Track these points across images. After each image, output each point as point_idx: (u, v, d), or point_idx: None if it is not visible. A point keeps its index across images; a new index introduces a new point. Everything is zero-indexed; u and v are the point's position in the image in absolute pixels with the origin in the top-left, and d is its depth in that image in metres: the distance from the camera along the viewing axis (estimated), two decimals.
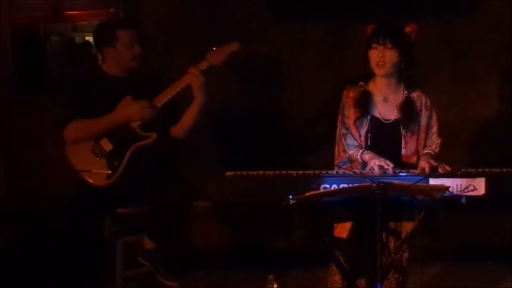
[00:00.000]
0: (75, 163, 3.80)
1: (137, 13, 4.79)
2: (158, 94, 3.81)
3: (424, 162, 3.31)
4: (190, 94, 3.82)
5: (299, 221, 3.21)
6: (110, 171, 3.75)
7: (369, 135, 3.45)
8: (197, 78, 3.76)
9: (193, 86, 3.77)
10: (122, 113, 3.78)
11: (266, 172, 3.17)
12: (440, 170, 3.23)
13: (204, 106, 3.83)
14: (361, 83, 3.50)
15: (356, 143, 3.45)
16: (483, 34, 4.66)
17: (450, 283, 4.20)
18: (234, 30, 4.66)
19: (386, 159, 3.28)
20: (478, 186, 3.06)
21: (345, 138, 3.47)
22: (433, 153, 3.43)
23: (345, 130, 3.48)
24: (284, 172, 3.17)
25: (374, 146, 3.43)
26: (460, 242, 4.47)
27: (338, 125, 3.53)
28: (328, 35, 4.75)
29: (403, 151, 3.45)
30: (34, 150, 4.79)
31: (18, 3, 4.95)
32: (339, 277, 3.42)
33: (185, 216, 3.89)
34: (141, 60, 3.87)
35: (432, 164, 3.26)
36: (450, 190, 3.01)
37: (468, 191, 3.05)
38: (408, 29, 3.48)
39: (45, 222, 4.20)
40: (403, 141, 3.45)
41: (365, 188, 2.93)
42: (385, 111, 3.47)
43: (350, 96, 3.50)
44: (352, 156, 3.44)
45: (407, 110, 3.45)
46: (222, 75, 4.34)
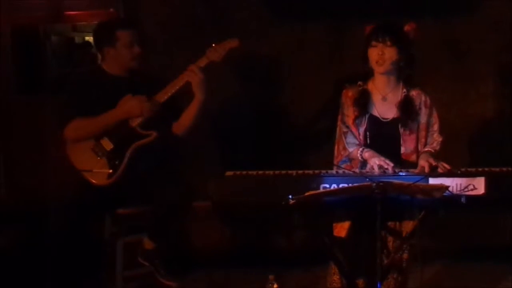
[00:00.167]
0: (76, 163, 3.80)
1: (137, 13, 4.79)
2: (158, 93, 3.82)
3: (423, 161, 3.31)
4: (190, 92, 3.82)
5: (299, 220, 3.21)
6: (111, 170, 3.75)
7: (368, 134, 3.46)
8: (196, 75, 3.75)
9: (192, 84, 3.77)
10: (122, 109, 3.78)
11: (266, 172, 3.17)
12: (439, 170, 3.23)
13: (204, 104, 3.82)
14: (359, 83, 3.50)
15: (356, 141, 3.45)
16: (483, 33, 4.66)
17: (450, 283, 4.20)
18: (234, 30, 4.65)
19: (386, 158, 3.28)
20: (478, 186, 3.06)
21: (345, 137, 3.47)
22: (433, 150, 3.43)
23: (345, 129, 3.48)
24: (283, 172, 3.17)
25: (373, 144, 3.44)
26: (460, 242, 4.47)
27: (338, 124, 3.54)
28: (328, 35, 4.75)
29: (402, 150, 3.45)
30: (34, 150, 4.78)
31: (18, 3, 4.95)
32: (338, 276, 3.42)
33: (185, 216, 3.89)
34: (141, 60, 3.87)
35: (431, 163, 3.27)
36: (450, 189, 3.01)
37: (468, 191, 3.05)
38: (407, 27, 3.48)
39: (45, 222, 4.20)
40: (402, 139, 3.45)
41: (364, 187, 2.93)
42: (383, 110, 3.48)
43: (349, 95, 3.51)
44: (351, 154, 3.44)
45: (406, 109, 3.45)
46: (222, 75, 4.35)
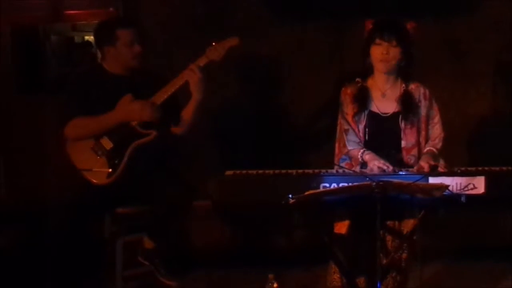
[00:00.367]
0: (76, 162, 3.80)
1: (136, 12, 4.79)
2: (157, 91, 3.82)
3: (423, 162, 3.30)
4: (190, 91, 3.81)
5: (299, 220, 3.22)
6: (110, 170, 3.75)
7: (367, 130, 3.46)
8: (195, 74, 3.75)
9: (190, 82, 3.77)
10: (122, 112, 3.78)
11: (266, 171, 3.17)
12: (439, 169, 3.23)
13: (201, 103, 3.81)
14: (358, 79, 3.50)
15: (357, 139, 3.45)
16: (483, 33, 4.67)
17: (450, 282, 4.19)
18: (234, 30, 4.64)
19: (386, 160, 3.28)
20: (478, 185, 3.06)
21: (346, 134, 3.47)
22: (435, 149, 3.42)
23: (346, 126, 3.48)
24: (283, 171, 3.17)
25: (373, 140, 3.44)
26: (459, 241, 4.47)
27: (339, 122, 3.54)
28: (328, 35, 4.75)
29: (403, 143, 3.45)
30: (34, 150, 4.78)
31: (18, 3, 4.95)
32: (338, 275, 3.42)
33: (185, 215, 3.89)
34: (142, 58, 3.87)
35: (431, 164, 3.26)
36: (450, 188, 3.01)
37: (467, 190, 3.05)
38: (407, 26, 3.48)
39: (44, 221, 4.20)
40: (403, 133, 3.45)
41: (364, 187, 2.93)
42: (383, 106, 3.48)
43: (348, 92, 3.51)
44: (351, 152, 3.44)
45: (406, 102, 3.45)
46: (222, 75, 4.35)
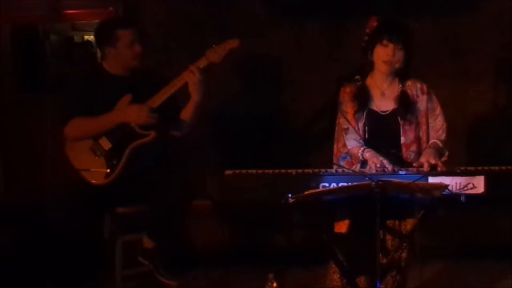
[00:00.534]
0: (75, 162, 3.80)
1: (136, 12, 4.79)
2: (157, 92, 3.81)
3: (424, 159, 3.28)
4: (189, 92, 3.81)
5: (299, 219, 3.21)
6: (108, 170, 3.75)
7: (366, 128, 3.46)
8: (195, 75, 3.74)
9: (189, 84, 3.76)
10: (120, 113, 3.77)
11: (266, 170, 3.17)
12: (438, 168, 3.22)
13: (200, 104, 3.81)
14: (357, 77, 3.49)
15: (357, 137, 3.45)
16: (482, 31, 4.66)
17: (449, 282, 4.20)
18: (233, 29, 4.66)
19: (386, 158, 3.28)
20: (477, 184, 3.05)
21: (346, 133, 3.46)
22: (438, 141, 3.40)
23: (346, 125, 3.47)
24: (283, 170, 3.16)
25: (373, 138, 3.43)
26: (459, 240, 4.47)
27: (338, 121, 3.53)
28: (327, 34, 4.75)
29: (402, 140, 3.44)
30: (33, 150, 4.78)
31: (18, 2, 4.95)
32: (338, 275, 3.42)
33: (184, 215, 3.89)
34: (142, 59, 3.86)
35: (431, 162, 3.25)
36: (449, 188, 3.01)
37: (467, 189, 3.05)
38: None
39: (44, 221, 4.20)
40: (402, 129, 3.44)
41: (364, 186, 2.92)
42: (382, 104, 3.48)
43: (347, 91, 3.51)
44: (351, 151, 3.44)
45: (403, 103, 3.44)
46: (222, 74, 4.35)
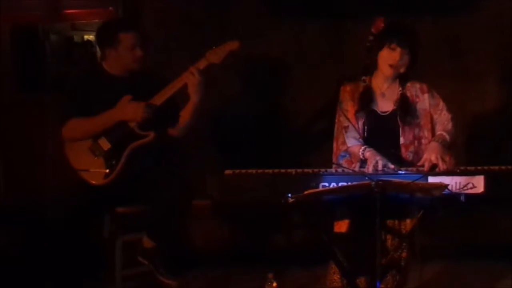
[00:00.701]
0: (74, 162, 3.80)
1: (136, 11, 4.79)
2: (157, 93, 3.81)
3: (427, 155, 3.27)
4: (187, 93, 3.81)
5: (298, 219, 3.21)
6: (107, 170, 3.75)
7: (366, 128, 3.46)
8: (194, 77, 3.74)
9: (188, 85, 3.75)
10: (117, 111, 3.76)
11: (265, 170, 3.16)
12: (444, 166, 3.21)
13: (199, 106, 3.80)
14: (364, 78, 3.49)
15: (357, 135, 3.45)
16: (483, 31, 4.67)
17: (449, 281, 4.19)
18: (233, 29, 4.66)
19: (384, 157, 3.27)
20: (477, 184, 3.05)
21: (346, 131, 3.47)
22: (445, 133, 3.39)
23: (346, 123, 3.47)
24: (283, 170, 3.16)
25: (372, 137, 3.44)
26: (459, 240, 4.46)
27: (338, 119, 3.53)
28: (327, 34, 4.75)
29: (402, 140, 3.45)
30: (33, 150, 4.78)
31: (17, 2, 4.95)
32: (338, 276, 3.42)
33: (184, 214, 3.88)
34: (142, 62, 3.85)
35: (432, 160, 3.23)
36: (449, 188, 3.01)
37: (467, 189, 3.05)
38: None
39: (44, 221, 4.20)
40: (401, 130, 3.45)
41: (364, 186, 2.92)
42: (382, 105, 3.49)
43: (347, 90, 3.51)
44: (351, 149, 3.44)
45: (403, 106, 3.44)
46: (222, 74, 4.35)
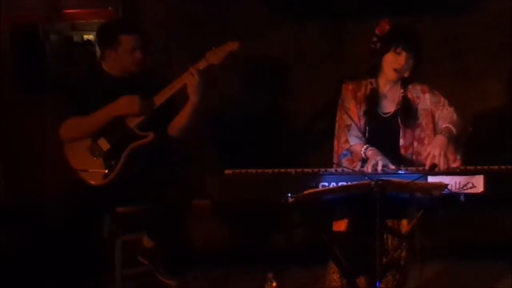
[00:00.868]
0: (73, 162, 3.80)
1: (135, 11, 4.79)
2: (157, 93, 3.81)
3: (431, 148, 3.24)
4: (187, 93, 3.81)
5: (298, 219, 3.21)
6: (106, 171, 3.75)
7: (367, 128, 3.46)
8: (194, 77, 3.74)
9: (188, 86, 3.74)
10: (112, 108, 3.75)
11: (265, 170, 3.16)
12: (455, 164, 3.20)
13: (198, 106, 3.80)
14: (370, 80, 3.48)
15: (359, 134, 3.45)
16: (483, 31, 4.67)
17: (450, 281, 4.19)
18: (233, 29, 4.66)
19: (385, 157, 3.27)
20: (477, 184, 3.05)
21: (349, 130, 3.46)
22: (451, 126, 3.36)
23: (349, 121, 3.47)
24: (283, 170, 3.16)
25: (372, 138, 3.44)
26: (459, 240, 4.47)
27: (340, 117, 3.52)
28: (327, 34, 4.75)
29: (401, 142, 3.45)
30: (33, 149, 4.78)
31: (17, 2, 4.95)
32: (337, 275, 3.42)
33: (184, 214, 3.88)
34: (141, 64, 3.85)
35: (435, 159, 3.22)
36: (449, 187, 3.00)
37: (467, 189, 3.05)
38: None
39: (44, 221, 4.20)
40: (401, 132, 3.45)
41: (364, 186, 2.92)
42: (384, 106, 3.49)
43: (349, 89, 3.51)
44: (353, 148, 3.44)
45: (405, 108, 3.44)
46: (222, 74, 4.35)
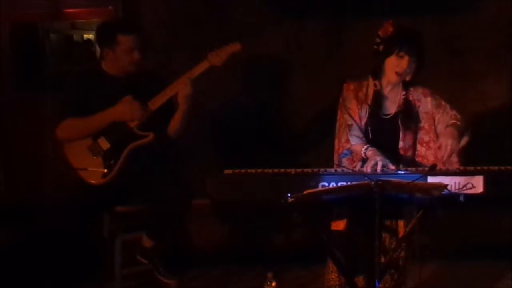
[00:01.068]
0: (73, 161, 3.80)
1: (136, 10, 4.79)
2: (157, 94, 3.81)
3: (444, 139, 3.24)
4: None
5: (298, 219, 3.20)
6: (106, 170, 3.75)
7: (368, 129, 3.46)
8: (185, 87, 3.75)
9: (179, 94, 3.77)
10: (113, 111, 3.77)
11: (265, 170, 3.16)
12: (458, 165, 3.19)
13: (187, 113, 3.82)
14: (375, 82, 3.47)
15: (360, 135, 3.45)
16: (482, 31, 4.66)
17: (449, 281, 4.20)
18: (233, 29, 4.66)
19: (386, 158, 3.28)
20: (477, 184, 3.05)
21: (350, 129, 3.47)
22: (457, 121, 3.37)
23: (350, 121, 3.47)
24: (282, 170, 3.16)
25: (373, 139, 3.44)
26: (458, 240, 4.47)
27: (341, 117, 3.53)
28: (327, 34, 4.74)
29: (401, 144, 3.46)
30: (33, 148, 4.78)
31: (17, 1, 4.94)
32: (336, 274, 3.43)
33: (183, 214, 3.88)
34: (139, 65, 3.85)
35: (449, 145, 3.22)
36: (449, 188, 3.00)
37: (466, 189, 3.04)
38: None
39: (44, 221, 4.20)
40: (401, 134, 3.45)
41: (363, 186, 2.92)
42: (385, 107, 3.49)
43: (350, 88, 3.51)
44: (353, 147, 3.45)
45: (406, 111, 3.45)
46: (221, 74, 4.34)
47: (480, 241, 4.47)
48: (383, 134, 3.47)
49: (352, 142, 3.46)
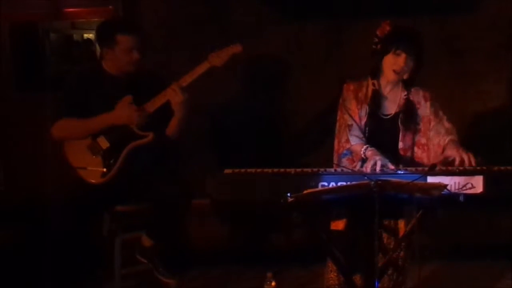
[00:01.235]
0: (72, 160, 3.81)
1: (136, 10, 4.79)
2: (157, 94, 3.81)
3: (456, 153, 3.25)
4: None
5: (298, 218, 3.20)
6: (105, 169, 3.75)
7: (367, 129, 3.46)
8: (176, 95, 3.75)
9: (172, 102, 3.77)
10: (112, 116, 3.77)
11: (265, 170, 3.16)
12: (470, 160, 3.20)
13: (183, 120, 3.83)
14: (373, 82, 3.48)
15: (360, 135, 3.45)
16: (482, 31, 4.66)
17: (448, 281, 4.20)
18: (233, 29, 4.66)
19: (385, 158, 3.28)
20: (476, 184, 3.05)
21: (350, 129, 3.47)
22: (455, 138, 3.39)
23: (350, 121, 3.48)
24: (282, 170, 3.16)
25: (373, 139, 3.44)
26: (458, 240, 4.47)
27: (341, 117, 3.53)
28: (327, 34, 4.75)
29: (400, 145, 3.46)
30: (33, 148, 4.78)
31: (17, 1, 4.95)
32: (335, 274, 3.43)
33: (183, 213, 3.89)
34: (138, 65, 3.84)
35: (462, 155, 3.22)
36: (448, 188, 3.00)
37: (466, 189, 3.04)
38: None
39: (44, 220, 4.20)
40: (401, 134, 3.46)
41: (363, 186, 2.92)
42: (384, 108, 3.50)
43: (350, 89, 3.52)
44: (353, 147, 3.45)
45: (407, 111, 3.45)
46: (221, 74, 4.34)
47: (480, 241, 4.47)
48: (383, 134, 3.47)
49: (352, 142, 3.46)
